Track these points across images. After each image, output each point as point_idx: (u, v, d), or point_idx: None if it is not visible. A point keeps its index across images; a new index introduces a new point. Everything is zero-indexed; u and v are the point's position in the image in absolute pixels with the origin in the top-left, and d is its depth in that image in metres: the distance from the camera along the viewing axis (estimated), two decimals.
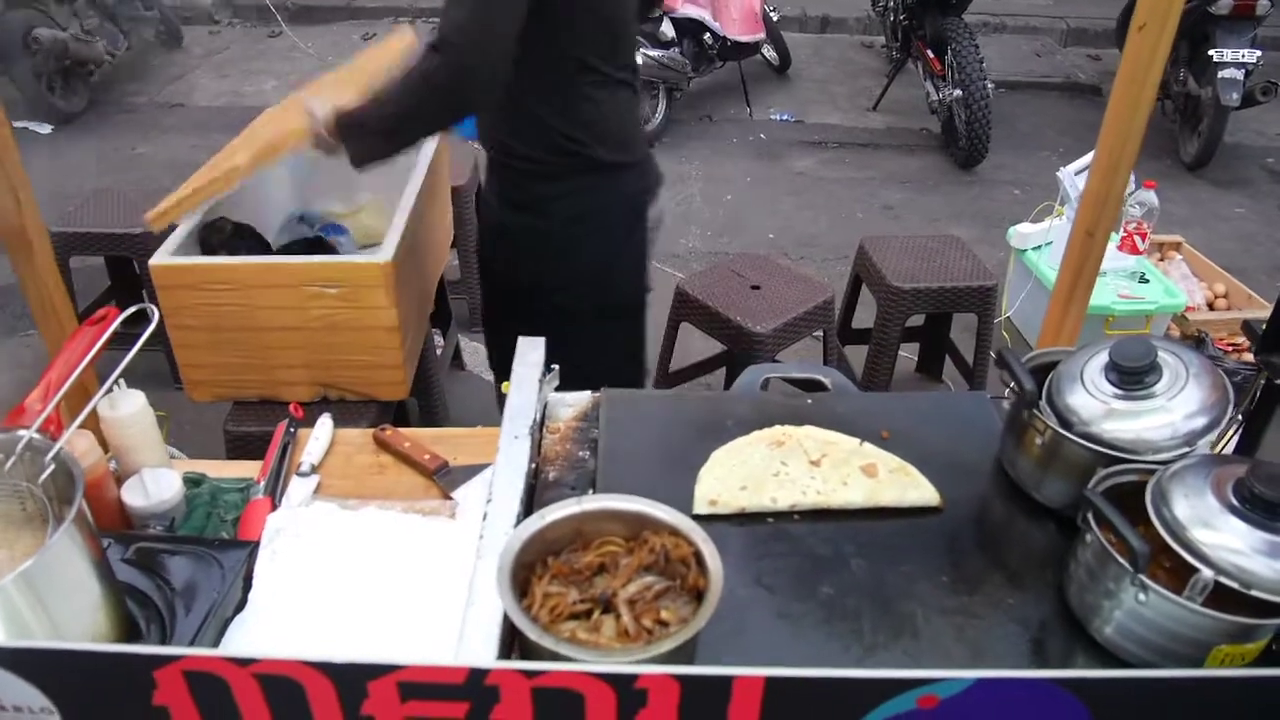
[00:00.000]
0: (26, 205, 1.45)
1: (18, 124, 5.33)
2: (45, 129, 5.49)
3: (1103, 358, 1.17)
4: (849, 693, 0.69)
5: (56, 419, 1.12)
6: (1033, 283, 3.73)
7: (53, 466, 1.03)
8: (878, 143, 5.72)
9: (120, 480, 1.40)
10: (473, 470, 1.47)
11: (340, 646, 1.16)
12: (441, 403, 2.90)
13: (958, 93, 5.02)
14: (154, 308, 1.32)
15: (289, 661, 0.65)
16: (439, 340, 3.31)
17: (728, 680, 0.67)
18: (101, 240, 3.18)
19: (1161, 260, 3.94)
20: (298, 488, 1.46)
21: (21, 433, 1.05)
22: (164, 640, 1.13)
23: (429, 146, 2.63)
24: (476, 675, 0.65)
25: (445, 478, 1.47)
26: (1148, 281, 3.64)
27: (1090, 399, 1.15)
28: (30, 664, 0.66)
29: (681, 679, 0.66)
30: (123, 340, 1.26)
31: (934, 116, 5.55)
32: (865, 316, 3.43)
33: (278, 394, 2.23)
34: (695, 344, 3.33)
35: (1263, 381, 1.44)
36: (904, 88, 6.06)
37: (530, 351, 1.24)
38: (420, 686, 0.66)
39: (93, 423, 1.39)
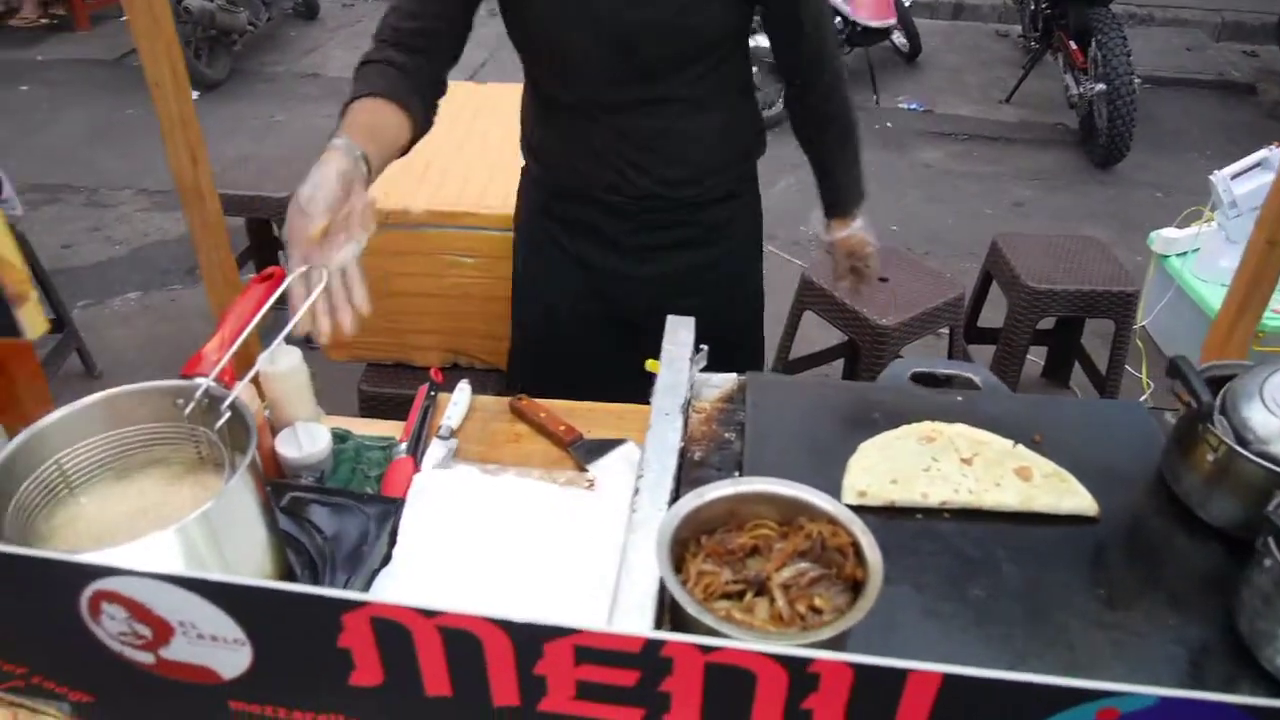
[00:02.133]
0: (201, 165, 1.53)
1: None
2: (193, 95, 5.75)
3: None
4: (1026, 698, 0.67)
5: (229, 370, 1.17)
6: (1174, 291, 3.56)
7: (229, 414, 1.08)
8: (1009, 136, 5.53)
9: (274, 432, 1.46)
10: (607, 445, 1.48)
11: (483, 605, 1.19)
12: None
13: (1100, 87, 4.81)
14: (325, 269, 1.36)
15: (473, 617, 0.66)
16: None
17: (903, 673, 0.65)
18: (245, 203, 3.32)
19: None
20: (437, 450, 1.50)
21: (200, 380, 1.11)
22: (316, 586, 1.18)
23: None
24: (652, 646, 0.66)
25: (580, 450, 1.49)
26: None
27: (1271, 417, 1.09)
28: (231, 597, 0.69)
29: (856, 667, 0.65)
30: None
31: (1072, 111, 5.34)
32: (992, 316, 3.33)
33: (410, 358, 2.31)
34: (813, 333, 3.29)
35: None
36: (1040, 79, 5.84)
37: (680, 329, 1.24)
38: (595, 652, 0.67)
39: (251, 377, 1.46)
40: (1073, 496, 1.13)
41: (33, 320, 0.53)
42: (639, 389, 1.41)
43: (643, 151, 1.65)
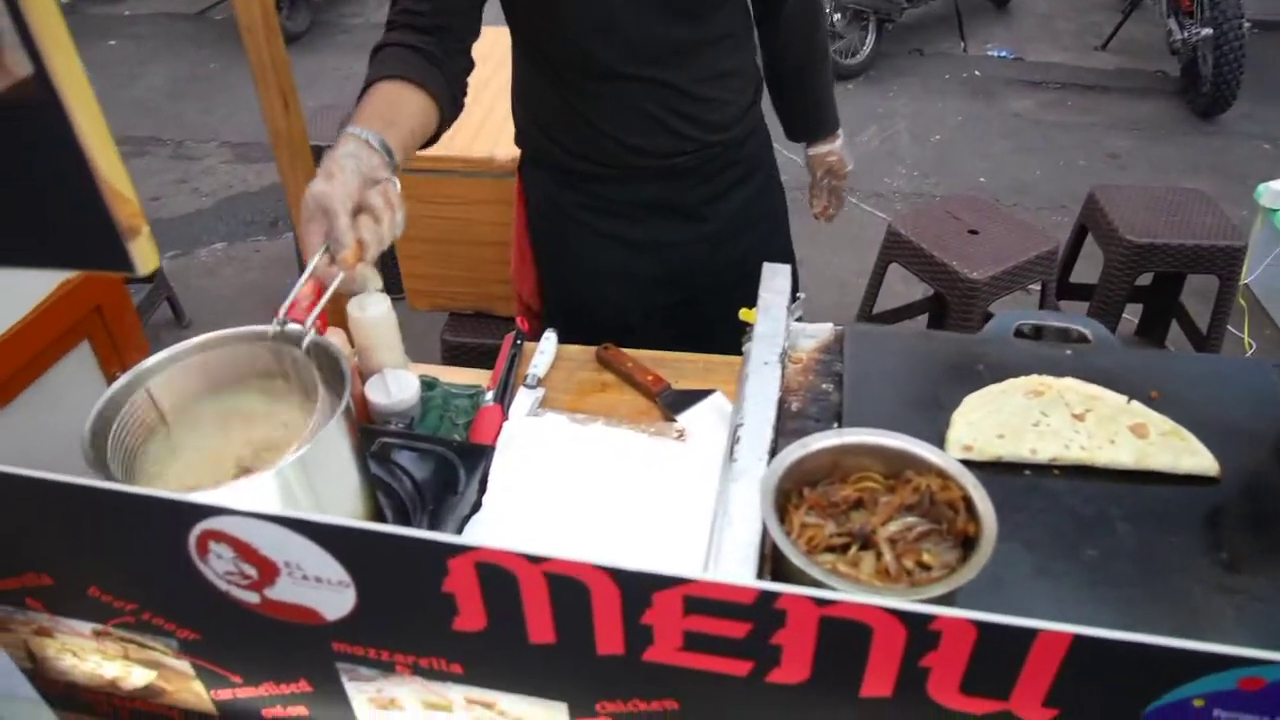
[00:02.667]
0: (293, 111, 1.53)
1: None
2: None
3: None
4: (1161, 663, 0.63)
5: (323, 317, 1.17)
6: None
7: (323, 359, 1.08)
8: (1105, 85, 5.29)
9: (363, 378, 1.47)
10: (695, 395, 1.46)
11: (587, 553, 1.19)
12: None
13: (1207, 31, 4.55)
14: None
15: (581, 564, 0.65)
16: None
17: (1031, 633, 0.62)
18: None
19: None
20: (524, 398, 1.50)
21: (295, 326, 1.11)
22: None
23: None
24: (766, 597, 0.63)
25: (667, 400, 1.47)
26: None
27: None
28: (337, 540, 0.69)
29: (981, 625, 0.62)
30: None
31: (1174, 58, 5.07)
32: (1085, 272, 3.20)
33: (492, 307, 2.31)
34: (898, 287, 3.22)
35: None
36: (1139, 24, 5.57)
37: (776, 277, 1.21)
38: (706, 602, 0.65)
39: (341, 324, 1.47)
40: (1192, 455, 1.08)
41: (146, 255, 0.52)
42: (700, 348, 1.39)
43: (694, 102, 1.56)
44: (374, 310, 1.46)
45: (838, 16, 4.99)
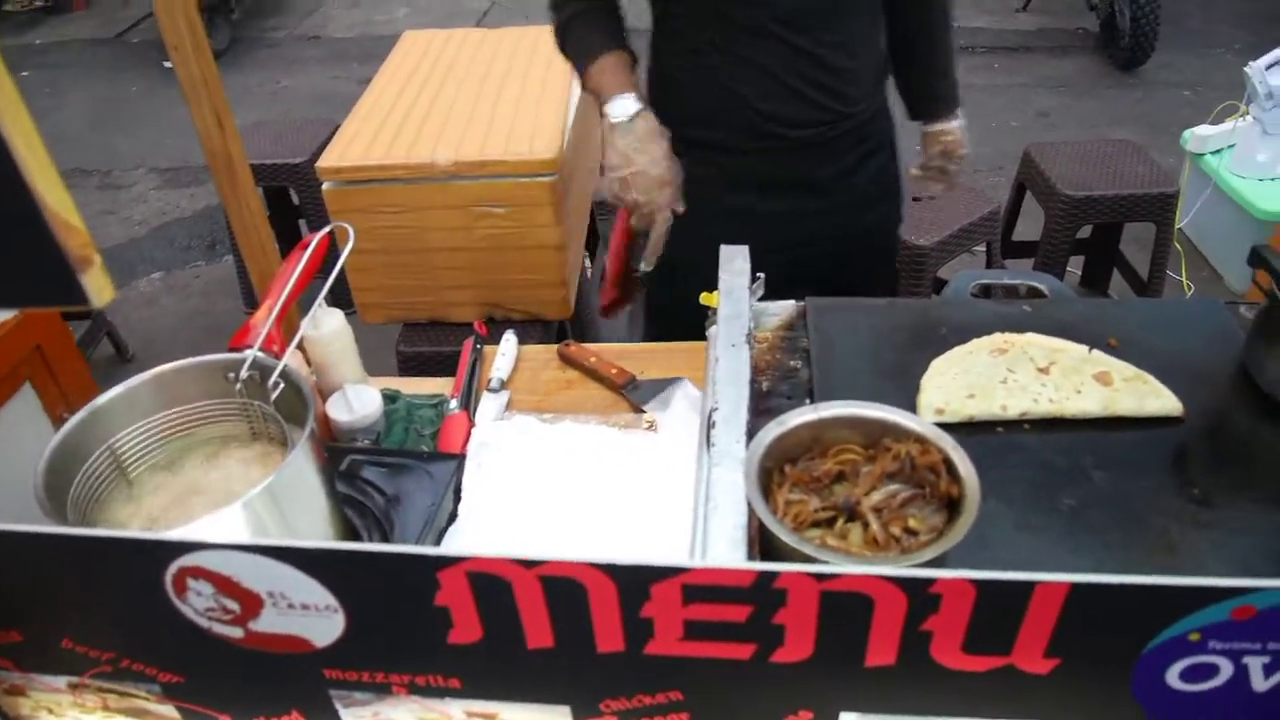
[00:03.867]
0: (229, 130, 1.49)
1: (167, 64, 5.54)
2: None
3: None
4: (1157, 601, 0.64)
5: (279, 340, 1.14)
6: (1211, 190, 3.47)
7: (282, 385, 1.05)
8: (1029, 45, 5.38)
9: (322, 397, 1.44)
10: (660, 384, 1.45)
11: (581, 552, 1.18)
12: (594, 324, 2.91)
13: None
14: (349, 227, 1.33)
15: (576, 563, 0.64)
16: (587, 263, 3.31)
17: (1029, 586, 0.63)
18: (260, 171, 3.26)
19: None
20: (489, 403, 1.48)
21: (249, 352, 1.08)
22: None
23: None
24: (766, 578, 0.63)
25: (634, 392, 1.46)
26: None
27: None
28: (322, 564, 0.67)
29: (980, 584, 0.63)
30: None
31: (1092, 14, 5.17)
32: (1025, 229, 3.26)
33: (446, 315, 2.28)
34: None
35: None
36: None
37: (735, 259, 1.21)
38: (705, 589, 0.65)
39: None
40: (1156, 398, 1.09)
41: (99, 286, 0.50)
42: None
43: (829, 72, 1.50)
44: (329, 326, 1.43)
45: None
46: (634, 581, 0.65)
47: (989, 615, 0.65)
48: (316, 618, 0.72)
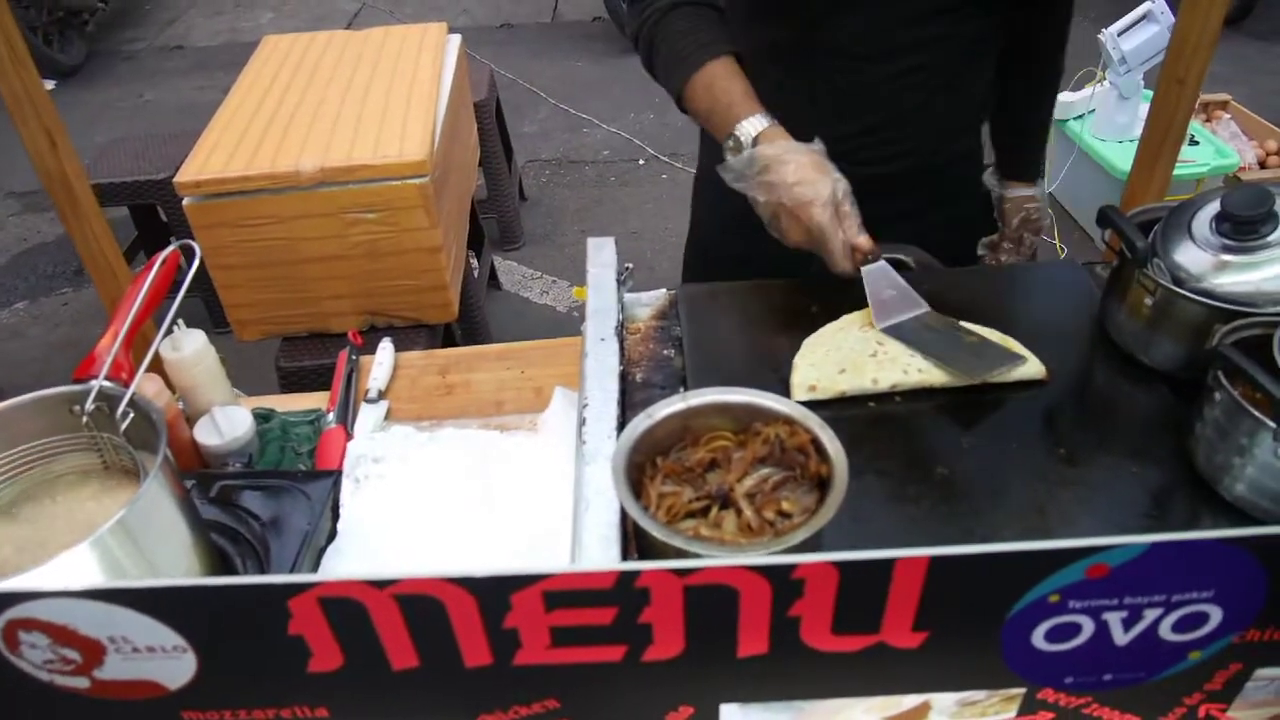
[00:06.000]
0: (64, 149, 1.39)
1: None
2: (48, 85, 5.38)
3: (1211, 209, 1.10)
4: (1016, 567, 0.65)
5: (128, 368, 1.08)
6: (1076, 154, 3.61)
7: (131, 414, 1.00)
8: None
9: (190, 421, 1.37)
10: None
11: (440, 566, 1.14)
12: (483, 324, 2.87)
13: None
14: (195, 244, 1.27)
15: (430, 579, 0.61)
16: (473, 262, 3.26)
17: (889, 563, 0.63)
18: (124, 190, 3.13)
19: (1209, 121, 3.79)
20: (368, 414, 1.43)
21: (93, 383, 1.02)
22: (263, 574, 1.12)
23: (449, 61, 2.55)
24: (627, 578, 0.62)
25: None
26: (1197, 144, 3.51)
27: (1201, 253, 1.08)
28: (161, 603, 0.63)
29: (841, 565, 0.62)
30: (172, 288, 1.22)
31: None
32: None
33: (326, 326, 2.21)
34: None
35: None
36: None
37: (602, 251, 1.19)
38: (566, 594, 0.63)
39: (157, 367, 1.36)
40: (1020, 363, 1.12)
41: None
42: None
43: (903, 116, 1.35)
44: (189, 348, 1.36)
45: None
46: (493, 593, 0.63)
47: (854, 595, 0.65)
48: (165, 659, 0.67)
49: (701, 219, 1.61)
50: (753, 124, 1.19)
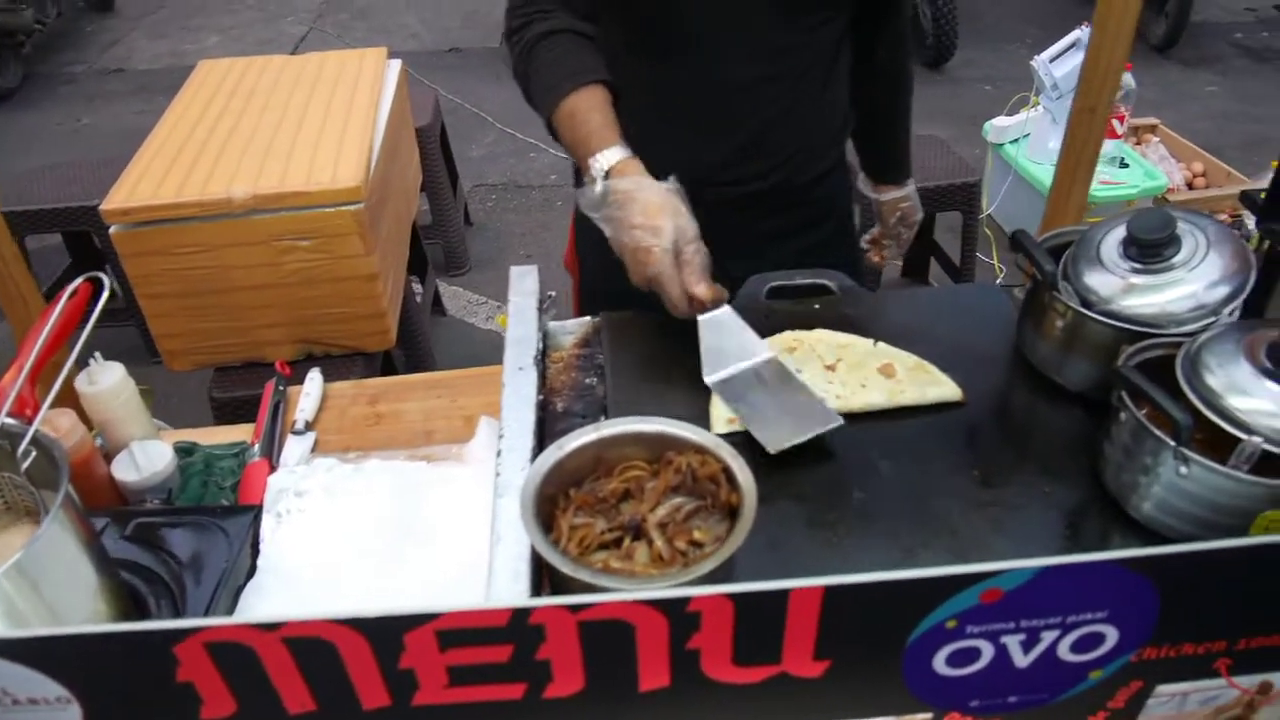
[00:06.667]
0: None
1: None
2: None
3: (1119, 233, 1.13)
4: (909, 594, 0.66)
5: (32, 404, 1.06)
6: (1012, 176, 3.69)
7: (34, 452, 0.97)
8: None
9: (109, 457, 1.34)
10: None
11: (361, 602, 1.12)
12: (427, 351, 2.84)
13: None
14: (105, 276, 1.24)
15: (317, 621, 0.60)
16: (417, 287, 3.23)
17: (784, 594, 0.63)
18: (56, 216, 3.06)
19: (1139, 144, 3.89)
20: (294, 446, 1.41)
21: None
22: (176, 615, 1.09)
23: (389, 86, 2.54)
24: (520, 615, 0.61)
25: None
26: (1127, 166, 3.60)
27: (1109, 276, 1.11)
28: (40, 653, 0.61)
29: (736, 597, 0.62)
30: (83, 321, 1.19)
31: None
32: None
33: (261, 355, 2.17)
34: None
35: (1265, 249, 1.40)
36: None
37: (524, 279, 1.19)
38: (460, 633, 0.62)
39: (74, 402, 1.33)
40: (936, 386, 1.14)
41: None
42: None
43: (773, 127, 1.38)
44: (106, 381, 1.33)
45: None
46: (384, 633, 0.62)
47: (751, 626, 0.65)
48: (48, 711, 0.65)
49: (585, 256, 1.60)
50: (608, 156, 1.17)
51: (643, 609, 0.62)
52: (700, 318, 1.13)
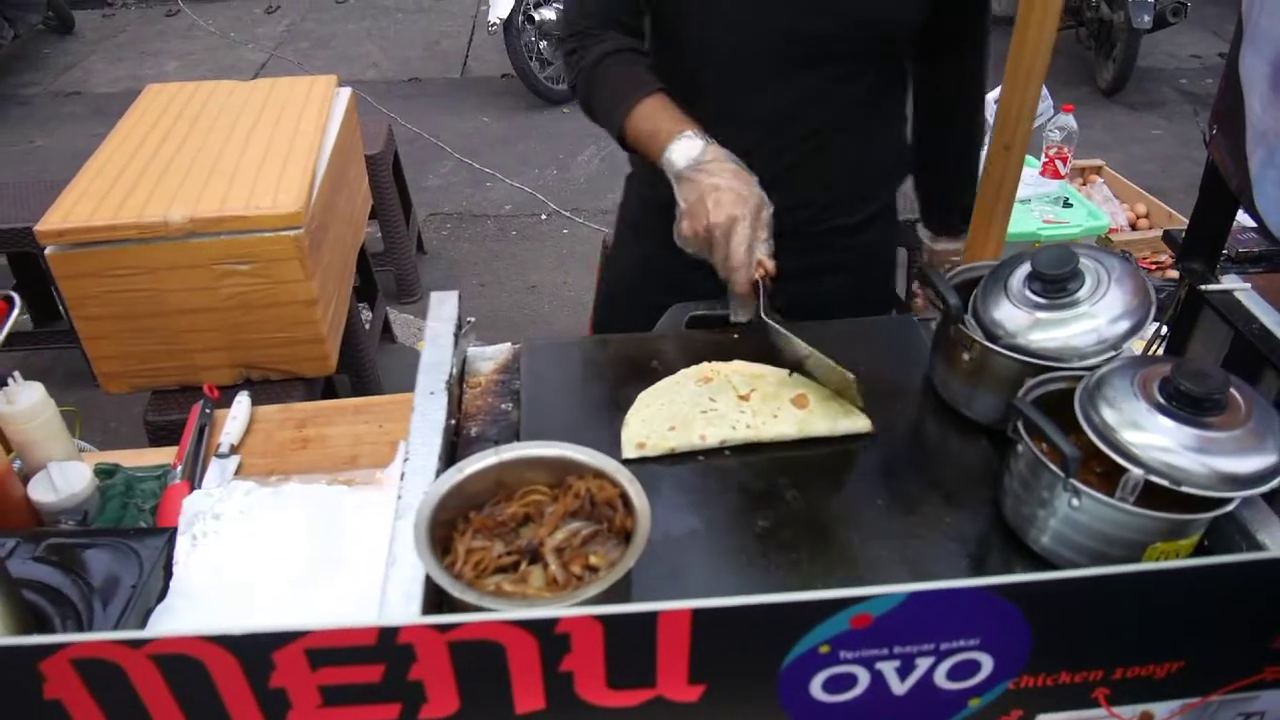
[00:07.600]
0: None
1: None
2: None
3: (1026, 269, 1.16)
4: (780, 619, 0.67)
5: None
6: None
7: None
8: None
9: (27, 478, 1.33)
10: None
11: (194, 625, 1.12)
12: (374, 377, 2.83)
13: None
14: (15, 295, 1.24)
15: (185, 638, 0.60)
16: (366, 314, 3.23)
17: (652, 616, 0.64)
18: (1, 237, 3.02)
19: (1084, 185, 3.98)
20: (216, 469, 1.41)
21: None
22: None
23: (337, 113, 2.55)
24: (388, 634, 0.62)
25: None
26: (1071, 206, 3.68)
27: (1016, 310, 1.14)
28: None
29: (604, 619, 0.63)
30: (32, 339, 1.19)
31: None
32: None
33: (198, 379, 2.16)
34: None
35: (1184, 291, 1.44)
36: None
37: (443, 305, 1.20)
38: (330, 652, 0.62)
39: None
40: (848, 417, 1.16)
41: None
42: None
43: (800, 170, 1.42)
44: (24, 401, 1.32)
45: (544, 43, 5.08)
46: (252, 651, 0.62)
47: (623, 649, 0.66)
48: None
49: (621, 266, 1.68)
50: (693, 139, 1.23)
51: (511, 629, 0.63)
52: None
